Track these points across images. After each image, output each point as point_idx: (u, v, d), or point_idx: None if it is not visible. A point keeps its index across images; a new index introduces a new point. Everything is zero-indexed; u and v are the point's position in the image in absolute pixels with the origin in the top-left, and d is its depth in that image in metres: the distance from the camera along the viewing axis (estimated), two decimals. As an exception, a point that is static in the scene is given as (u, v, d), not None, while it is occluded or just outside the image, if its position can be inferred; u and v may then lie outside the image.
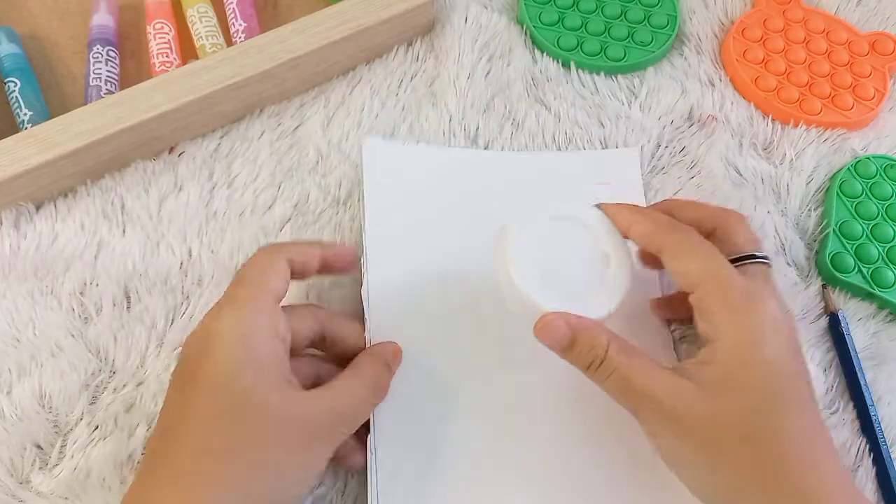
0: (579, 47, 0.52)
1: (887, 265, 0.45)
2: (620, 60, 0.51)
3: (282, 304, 0.35)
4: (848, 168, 0.48)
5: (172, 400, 0.33)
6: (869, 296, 0.44)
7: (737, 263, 0.36)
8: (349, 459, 0.37)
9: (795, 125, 0.50)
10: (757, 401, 0.32)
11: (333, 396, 0.34)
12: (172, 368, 0.39)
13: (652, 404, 0.33)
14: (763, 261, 0.36)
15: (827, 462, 0.32)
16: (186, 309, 0.42)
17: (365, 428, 0.37)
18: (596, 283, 0.37)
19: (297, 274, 0.37)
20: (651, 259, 0.40)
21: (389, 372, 0.38)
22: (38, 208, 0.45)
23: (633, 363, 0.33)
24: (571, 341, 0.34)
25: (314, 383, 0.35)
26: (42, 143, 0.43)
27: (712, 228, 0.38)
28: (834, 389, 0.41)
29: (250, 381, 0.32)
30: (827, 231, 0.46)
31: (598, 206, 0.39)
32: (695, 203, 0.40)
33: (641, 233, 0.37)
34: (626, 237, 0.38)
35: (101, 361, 0.40)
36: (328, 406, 0.34)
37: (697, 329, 0.35)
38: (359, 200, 0.46)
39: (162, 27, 0.50)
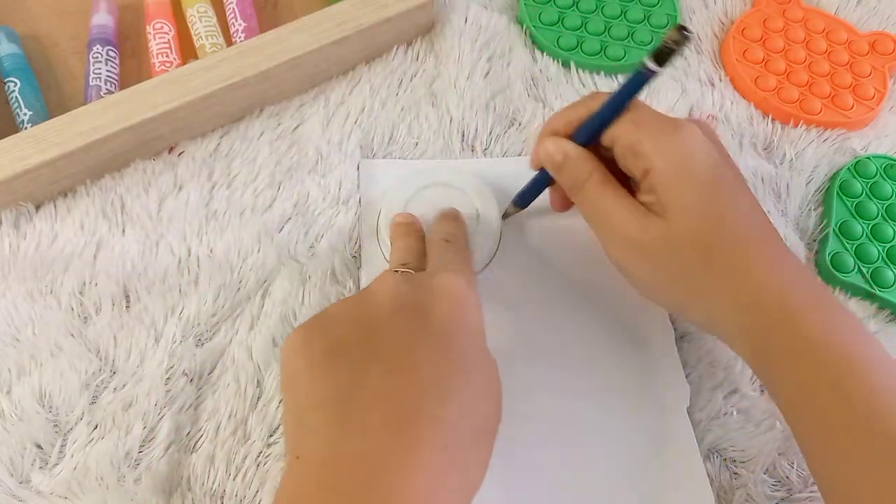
0: (579, 47, 0.52)
1: (887, 265, 0.45)
2: (620, 60, 0.51)
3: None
4: (848, 168, 0.48)
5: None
6: (869, 296, 0.44)
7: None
8: None
9: (795, 125, 0.50)
10: (699, 220, 0.35)
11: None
12: (172, 366, 0.40)
13: (611, 228, 0.37)
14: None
15: (784, 259, 0.35)
16: (185, 308, 0.42)
17: None
18: (471, 236, 0.43)
19: None
20: (561, 202, 0.43)
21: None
22: (37, 208, 0.45)
23: (605, 192, 0.37)
24: (560, 164, 0.38)
25: None
26: (42, 143, 0.43)
27: None
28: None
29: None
30: (827, 231, 0.46)
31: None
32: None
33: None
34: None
35: (101, 361, 0.40)
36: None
37: (629, 166, 0.37)
38: (359, 202, 0.46)
39: (162, 27, 0.50)
